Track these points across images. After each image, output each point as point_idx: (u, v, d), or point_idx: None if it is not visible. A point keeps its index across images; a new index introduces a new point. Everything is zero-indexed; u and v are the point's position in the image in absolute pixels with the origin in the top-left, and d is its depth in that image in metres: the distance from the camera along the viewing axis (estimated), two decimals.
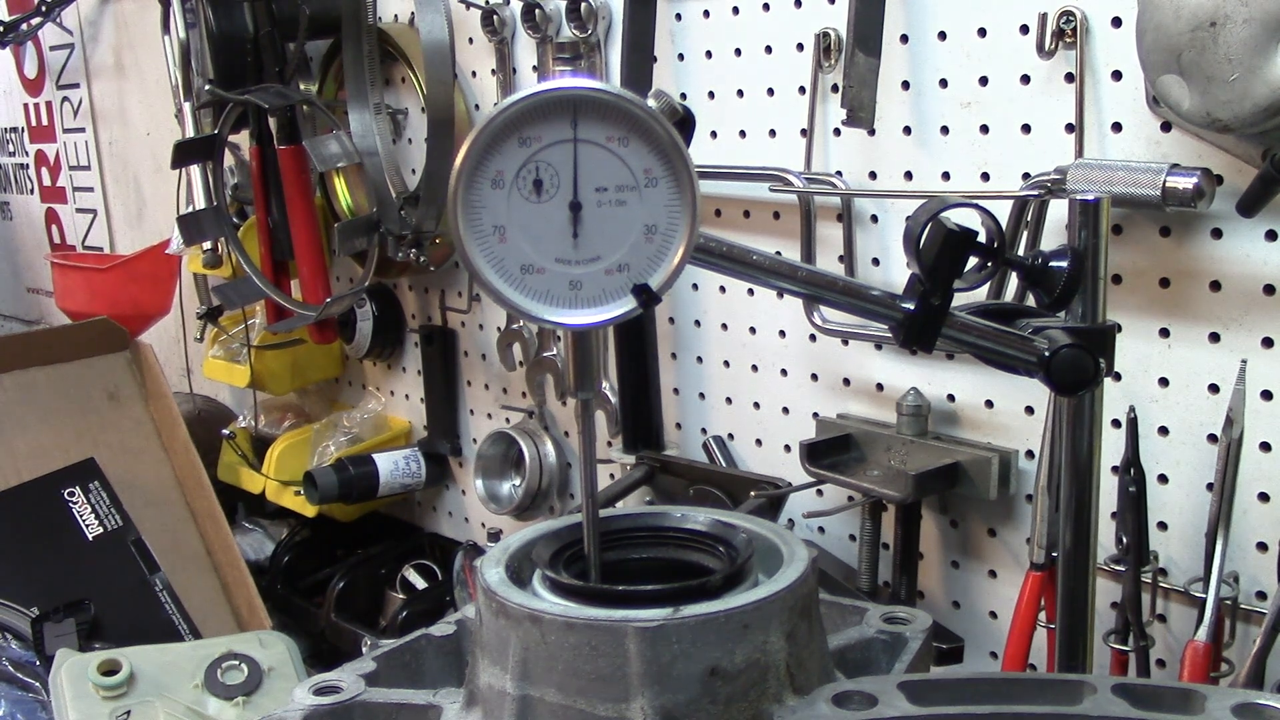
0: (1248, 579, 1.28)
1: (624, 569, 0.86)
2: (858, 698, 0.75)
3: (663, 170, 0.76)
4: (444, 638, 0.93)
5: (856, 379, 1.61)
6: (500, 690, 0.78)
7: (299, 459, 2.27)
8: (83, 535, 2.04)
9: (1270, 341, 1.23)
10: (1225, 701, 0.71)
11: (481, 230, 0.75)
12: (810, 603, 0.81)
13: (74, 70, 3.09)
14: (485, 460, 2.07)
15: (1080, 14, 1.28)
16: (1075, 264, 0.98)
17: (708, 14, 1.65)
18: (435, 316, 2.20)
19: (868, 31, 1.42)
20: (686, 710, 0.74)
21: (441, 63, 1.78)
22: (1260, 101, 1.06)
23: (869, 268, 1.55)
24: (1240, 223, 1.21)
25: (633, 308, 0.77)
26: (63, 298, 2.76)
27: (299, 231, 2.07)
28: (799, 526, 1.68)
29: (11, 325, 3.63)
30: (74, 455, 2.12)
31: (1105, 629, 1.31)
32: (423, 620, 1.12)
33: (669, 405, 1.84)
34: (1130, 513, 1.29)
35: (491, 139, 0.74)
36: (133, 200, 3.04)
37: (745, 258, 0.97)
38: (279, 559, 2.36)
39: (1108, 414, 1.22)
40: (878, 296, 0.99)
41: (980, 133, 1.41)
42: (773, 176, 1.57)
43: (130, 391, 2.24)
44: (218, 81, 2.06)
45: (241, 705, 1.67)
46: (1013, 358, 0.98)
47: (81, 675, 1.63)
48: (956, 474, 1.46)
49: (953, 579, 1.56)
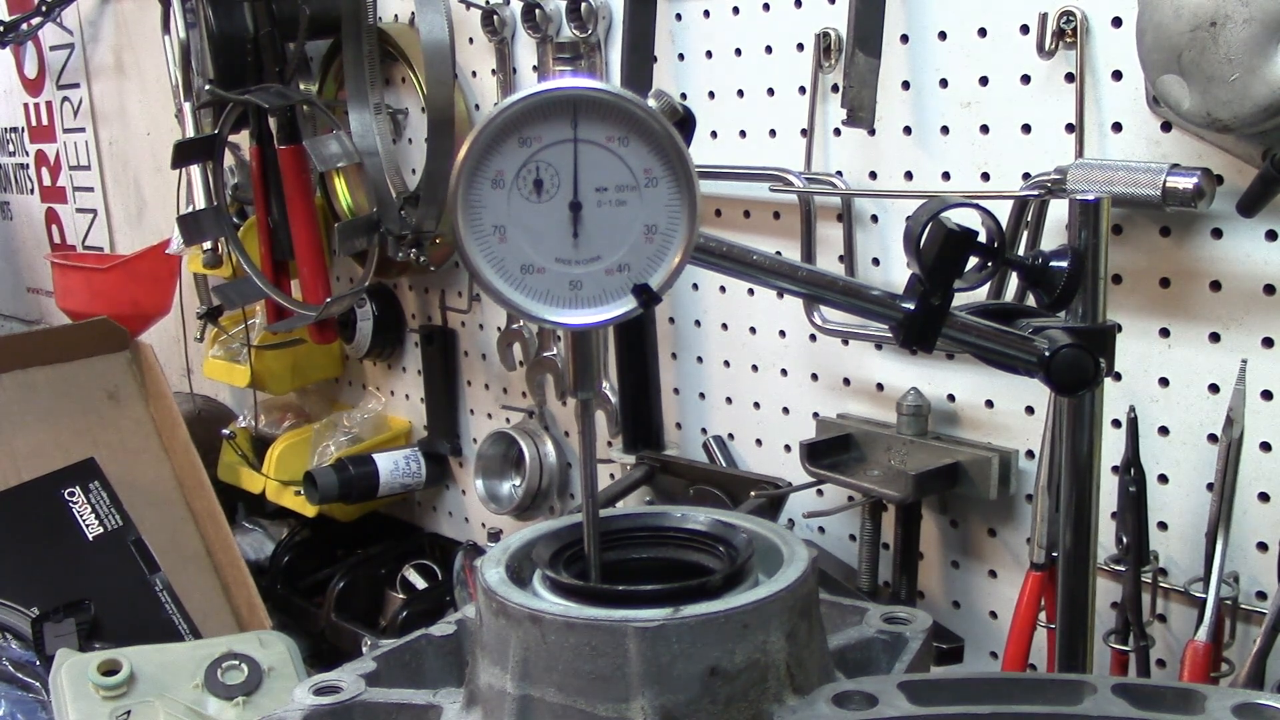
0: (1248, 579, 1.28)
1: (624, 569, 0.86)
2: (858, 698, 0.75)
3: (663, 170, 0.76)
4: (444, 638, 0.92)
5: (856, 379, 1.61)
6: (500, 690, 0.78)
7: (299, 459, 2.27)
8: (83, 535, 2.04)
9: (1270, 341, 1.23)
10: (1225, 701, 0.71)
11: (481, 230, 0.75)
12: (810, 603, 0.81)
13: (74, 70, 3.09)
14: (485, 460, 2.07)
15: (1080, 14, 1.28)
16: (1075, 264, 0.98)
17: (708, 14, 1.65)
18: (435, 316, 2.20)
19: (868, 31, 1.42)
20: (686, 710, 0.74)
21: (441, 63, 1.78)
22: (1260, 101, 1.07)
23: (869, 268, 1.55)
24: (1240, 223, 1.21)
25: (633, 308, 0.77)
26: (63, 298, 2.76)
27: (299, 231, 2.07)
28: (799, 526, 1.68)
29: (11, 325, 3.63)
30: (74, 455, 2.12)
31: (1105, 629, 1.31)
32: (423, 620, 1.12)
33: (669, 405, 1.84)
34: (1130, 513, 1.29)
35: (492, 139, 0.74)
36: (133, 200, 3.04)
37: (745, 258, 0.97)
38: (279, 559, 2.36)
39: (1108, 414, 1.21)
40: (878, 296, 0.99)
41: (980, 133, 1.41)
42: (773, 176, 1.57)
43: (130, 391, 2.24)
44: (218, 81, 2.06)
45: (241, 705, 1.67)
46: (1013, 358, 0.98)
47: (81, 675, 1.63)
48: (956, 474, 1.46)
49: (953, 579, 1.56)
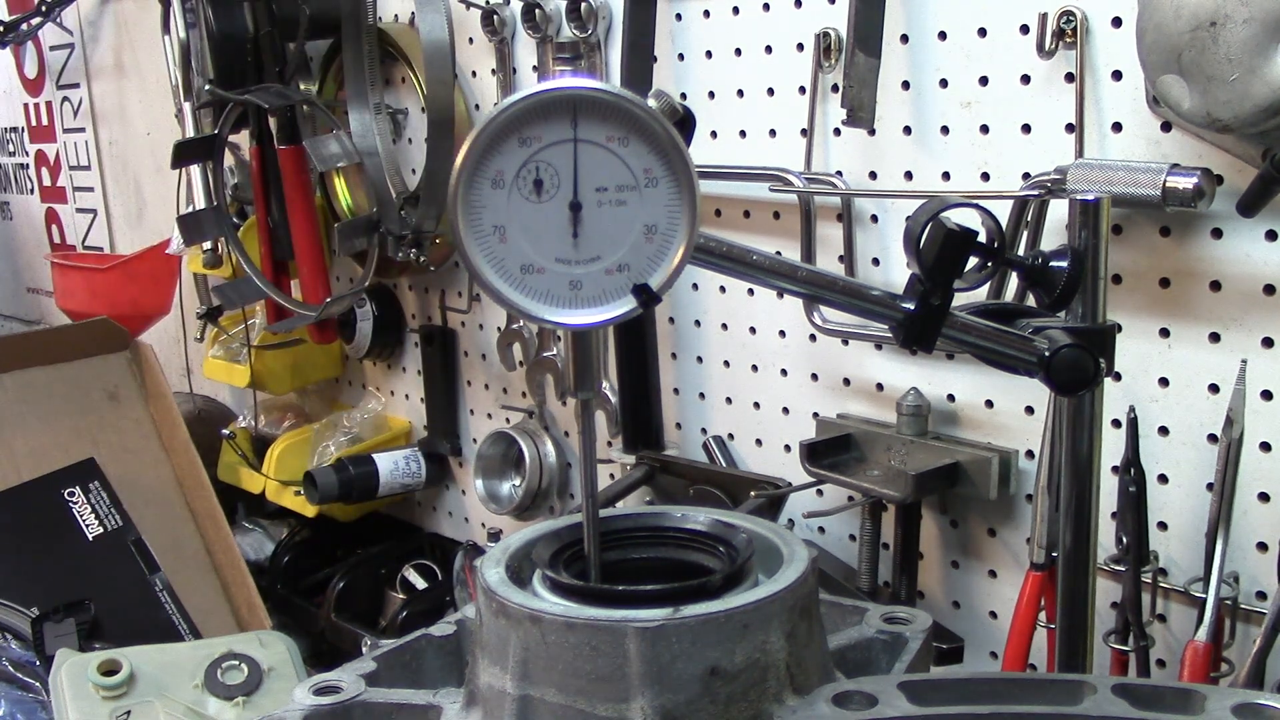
0: (1248, 579, 1.28)
1: (624, 569, 0.86)
2: (858, 698, 0.75)
3: (663, 170, 0.76)
4: (444, 638, 0.92)
5: (856, 379, 1.61)
6: (500, 690, 0.78)
7: (299, 459, 2.27)
8: (83, 535, 2.04)
9: (1270, 341, 1.23)
10: (1225, 701, 0.71)
11: (481, 230, 0.75)
12: (810, 603, 0.81)
13: (74, 70, 3.09)
14: (485, 460, 2.07)
15: (1080, 14, 1.28)
16: (1075, 264, 0.98)
17: (708, 14, 1.65)
18: (435, 316, 2.19)
19: (868, 31, 1.42)
20: (686, 710, 0.74)
21: (441, 63, 1.78)
22: (1260, 101, 1.07)
23: (869, 268, 1.55)
24: (1240, 223, 1.21)
25: (633, 308, 0.77)
26: (63, 298, 2.76)
27: (299, 231, 2.07)
28: (799, 526, 1.68)
29: (11, 325, 3.63)
30: (74, 455, 2.12)
31: (1105, 629, 1.31)
32: (423, 620, 1.11)
33: (669, 405, 1.84)
34: (1130, 513, 1.29)
35: (492, 139, 0.74)
36: (133, 200, 3.04)
37: (745, 258, 0.97)
38: (279, 559, 2.36)
39: (1108, 414, 1.21)
40: (878, 296, 0.99)
41: (980, 133, 1.41)
42: (773, 176, 1.57)
43: (130, 391, 2.24)
44: (218, 81, 2.06)
45: (241, 705, 1.66)
46: (1013, 358, 0.98)
47: (81, 675, 1.63)
48: (956, 474, 1.46)
49: (953, 579, 1.56)
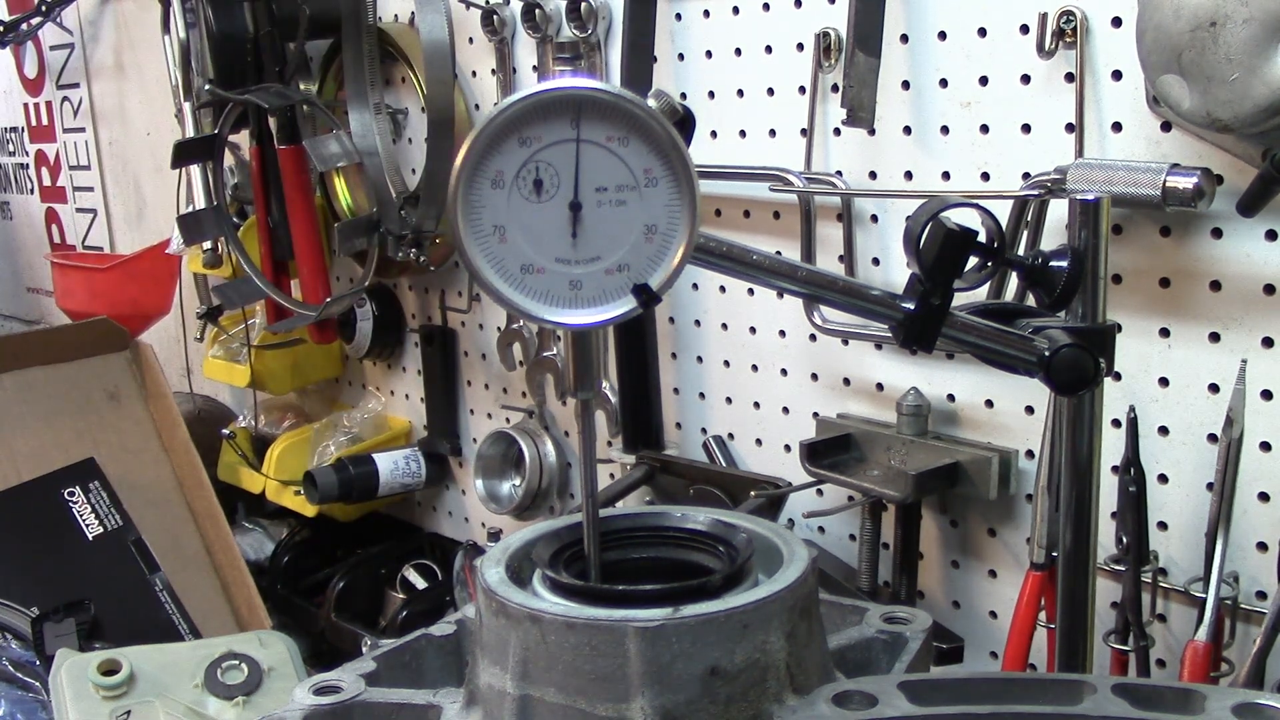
0: (1248, 579, 1.28)
1: (624, 569, 0.86)
2: (858, 698, 0.75)
3: (663, 170, 0.76)
4: (444, 638, 0.93)
5: (856, 379, 1.61)
6: (500, 690, 0.78)
7: (299, 459, 2.27)
8: (83, 535, 2.04)
9: (1270, 341, 1.23)
10: (1225, 701, 0.71)
11: (481, 230, 0.75)
12: (810, 603, 0.81)
13: (74, 70, 3.09)
14: (485, 460, 2.07)
15: (1080, 14, 1.28)
16: (1075, 264, 0.98)
17: (708, 14, 1.65)
18: (435, 316, 2.19)
19: (868, 31, 1.42)
20: (686, 710, 0.74)
21: (441, 63, 1.78)
22: (1260, 101, 1.07)
23: (869, 268, 1.55)
24: (1240, 223, 1.21)
25: (633, 308, 0.77)
26: (63, 298, 2.76)
27: (299, 231, 2.07)
28: (799, 526, 1.68)
29: (11, 325, 3.63)
30: (74, 455, 2.12)
31: (1105, 629, 1.31)
32: (423, 620, 1.12)
33: (669, 405, 1.83)
34: (1130, 513, 1.29)
35: (492, 139, 0.74)
36: (133, 200, 3.04)
37: (745, 258, 0.97)
38: (279, 559, 2.36)
39: (1108, 414, 1.21)
40: (878, 296, 0.99)
41: (980, 132, 1.41)
42: (773, 176, 1.57)
43: (130, 391, 2.24)
44: (218, 81, 2.06)
45: (241, 705, 1.66)
46: (1013, 358, 0.98)
47: (81, 675, 1.63)
48: (956, 474, 1.46)
49: (953, 579, 1.56)
